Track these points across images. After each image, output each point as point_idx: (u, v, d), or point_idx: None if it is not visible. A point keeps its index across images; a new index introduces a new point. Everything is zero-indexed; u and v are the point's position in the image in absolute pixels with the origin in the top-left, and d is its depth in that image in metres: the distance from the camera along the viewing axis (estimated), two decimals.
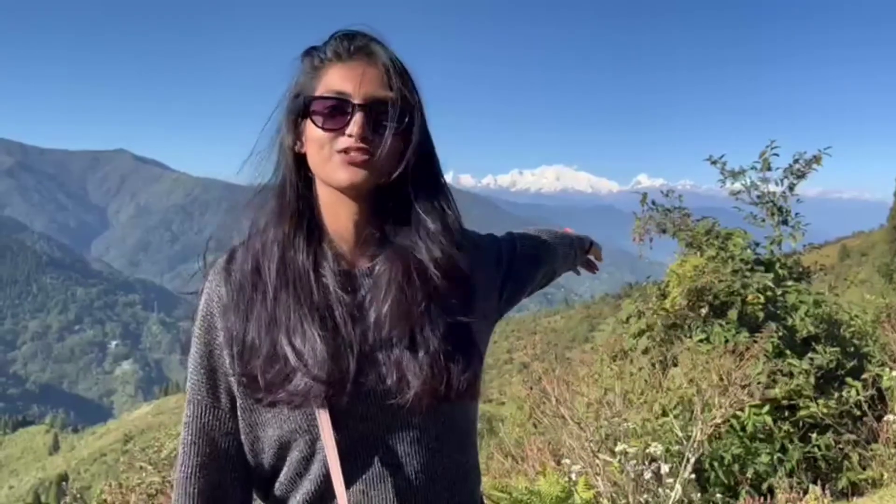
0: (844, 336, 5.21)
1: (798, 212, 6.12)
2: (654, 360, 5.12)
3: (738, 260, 5.30)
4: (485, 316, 1.24)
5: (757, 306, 4.94)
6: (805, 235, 6.08)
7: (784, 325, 4.99)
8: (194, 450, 1.13)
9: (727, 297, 5.05)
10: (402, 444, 1.09)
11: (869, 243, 64.53)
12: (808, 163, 6.06)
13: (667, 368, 4.95)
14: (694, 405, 4.43)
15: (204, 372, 1.14)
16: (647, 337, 5.27)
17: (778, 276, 5.36)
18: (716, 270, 5.11)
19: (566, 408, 3.99)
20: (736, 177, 6.22)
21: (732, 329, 4.94)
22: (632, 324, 5.46)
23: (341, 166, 1.07)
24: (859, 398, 4.69)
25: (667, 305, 5.18)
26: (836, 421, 4.70)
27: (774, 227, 6.06)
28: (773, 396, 4.61)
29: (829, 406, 4.62)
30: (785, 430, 4.57)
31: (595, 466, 3.98)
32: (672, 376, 4.89)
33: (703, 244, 5.54)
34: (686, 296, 5.08)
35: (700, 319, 5.07)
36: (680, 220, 5.91)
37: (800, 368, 4.67)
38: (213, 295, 1.15)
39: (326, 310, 1.08)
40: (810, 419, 4.67)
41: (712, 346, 4.91)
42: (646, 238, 5.85)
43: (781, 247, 6.01)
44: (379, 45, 1.12)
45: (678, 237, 5.80)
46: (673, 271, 5.37)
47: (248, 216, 1.19)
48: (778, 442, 4.55)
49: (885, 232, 52.64)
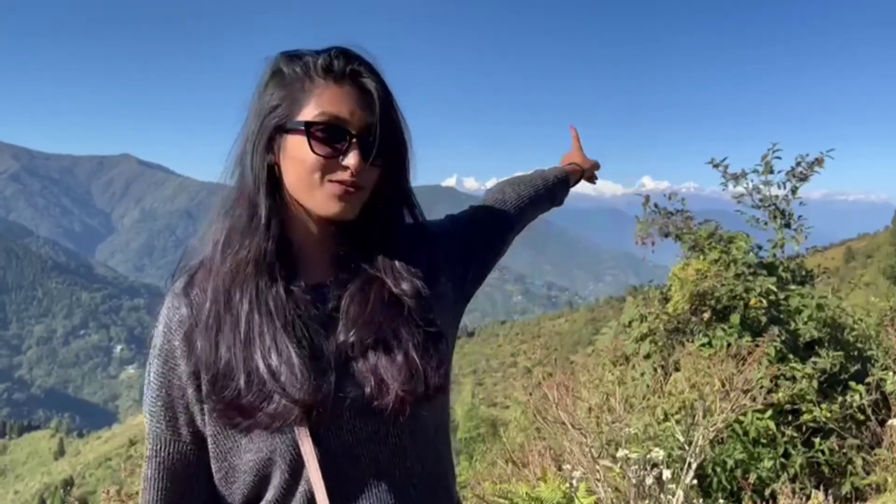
0: (848, 340, 5.19)
1: (801, 214, 6.10)
2: (656, 364, 5.09)
3: (741, 263, 5.28)
4: (453, 304, 1.24)
5: (760, 310, 4.92)
6: (808, 238, 6.06)
7: (787, 329, 4.96)
8: (156, 485, 1.11)
9: (730, 301, 5.03)
10: (384, 453, 1.07)
11: (874, 245, 64.35)
12: (811, 165, 6.04)
13: (669, 373, 4.93)
14: (696, 410, 4.41)
15: (163, 404, 1.10)
16: (649, 341, 5.25)
17: (781, 279, 5.33)
18: (718, 274, 5.09)
19: (566, 413, 3.97)
20: (738, 180, 6.20)
21: (735, 333, 4.91)
22: (634, 328, 5.44)
23: (334, 198, 1.05)
24: (863, 402, 4.66)
25: (669, 309, 5.16)
26: (839, 425, 4.66)
27: (777, 231, 6.03)
28: (776, 401, 4.58)
29: (832, 410, 4.59)
30: (788, 435, 4.54)
31: (596, 472, 3.96)
32: (674, 381, 4.86)
33: (705, 247, 5.52)
34: (688, 300, 5.06)
35: (702, 324, 5.05)
36: (682, 224, 5.89)
37: (802, 373, 4.64)
38: (172, 321, 1.10)
39: (301, 326, 1.05)
40: (813, 424, 4.64)
41: (714, 350, 4.89)
42: (648, 241, 5.83)
43: (784, 250, 5.99)
44: (374, 71, 1.09)
45: (681, 240, 5.78)
46: (675, 275, 5.35)
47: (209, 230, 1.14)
48: (781, 447, 4.52)
49: (889, 234, 52.51)
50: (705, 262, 5.37)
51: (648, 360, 5.20)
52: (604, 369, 5.47)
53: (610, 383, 5.31)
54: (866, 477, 4.45)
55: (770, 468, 4.47)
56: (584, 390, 5.26)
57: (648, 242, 5.81)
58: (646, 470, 4.06)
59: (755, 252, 5.65)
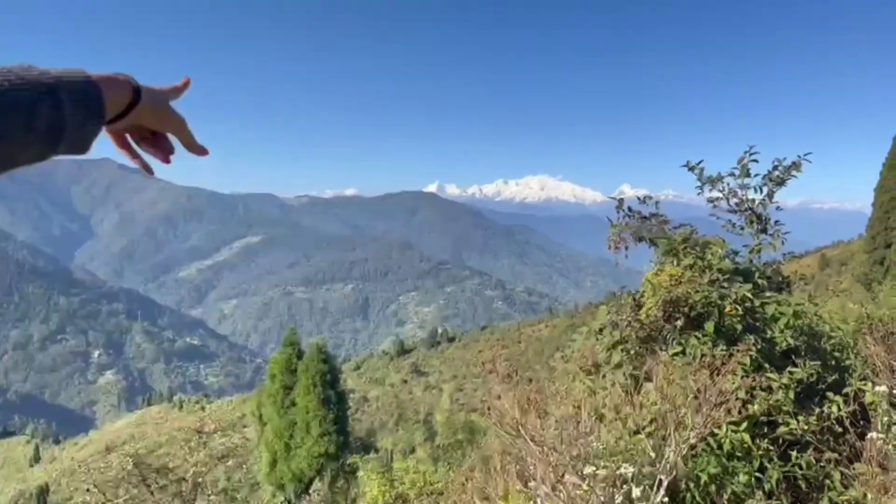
0: (825, 348, 5.01)
1: (778, 220, 5.94)
2: (628, 374, 4.88)
3: (716, 269, 5.09)
4: None
5: (735, 318, 4.73)
6: (785, 244, 5.89)
7: (763, 337, 4.77)
8: None
9: (704, 308, 4.83)
10: None
11: (848, 253, 65.21)
12: (788, 169, 5.87)
13: (640, 383, 4.72)
14: (668, 423, 4.20)
15: None
16: (620, 350, 5.04)
17: (757, 286, 5.15)
18: (692, 280, 4.89)
19: (526, 430, 3.75)
20: (714, 183, 6.02)
21: (709, 341, 4.72)
22: (605, 335, 5.23)
23: None
24: (840, 414, 4.48)
25: (641, 317, 4.96)
26: (816, 438, 4.48)
27: (753, 236, 5.86)
28: (752, 412, 4.39)
29: (809, 423, 4.40)
30: (764, 448, 4.34)
31: (561, 491, 3.74)
32: (646, 392, 4.66)
33: (680, 252, 5.33)
34: (661, 306, 4.86)
35: (676, 331, 4.85)
36: (657, 228, 5.70)
37: (779, 383, 4.45)
38: None
39: None
40: (790, 436, 4.45)
41: (688, 359, 4.70)
42: (621, 246, 5.62)
43: (761, 256, 5.82)
44: None
45: (655, 245, 5.59)
46: (648, 281, 5.15)
47: None
48: (756, 460, 4.32)
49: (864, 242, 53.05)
50: (679, 267, 5.18)
51: (620, 369, 4.99)
52: (574, 379, 5.26)
53: (580, 393, 5.10)
54: (845, 492, 4.26)
55: (746, 483, 4.27)
56: (552, 404, 5.05)
57: (622, 247, 5.60)
58: (615, 487, 3.85)
59: (731, 258, 5.47)
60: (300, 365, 25.68)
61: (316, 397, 24.77)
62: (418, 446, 32.65)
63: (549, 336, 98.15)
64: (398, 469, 17.57)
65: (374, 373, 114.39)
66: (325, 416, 24.67)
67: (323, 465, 24.54)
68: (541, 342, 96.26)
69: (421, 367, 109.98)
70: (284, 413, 25.65)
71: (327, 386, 25.17)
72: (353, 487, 23.47)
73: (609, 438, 4.43)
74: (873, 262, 39.94)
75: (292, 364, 26.02)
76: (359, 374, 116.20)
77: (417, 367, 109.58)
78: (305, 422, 24.93)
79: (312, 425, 24.71)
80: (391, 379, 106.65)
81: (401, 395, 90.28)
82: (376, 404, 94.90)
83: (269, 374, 26.70)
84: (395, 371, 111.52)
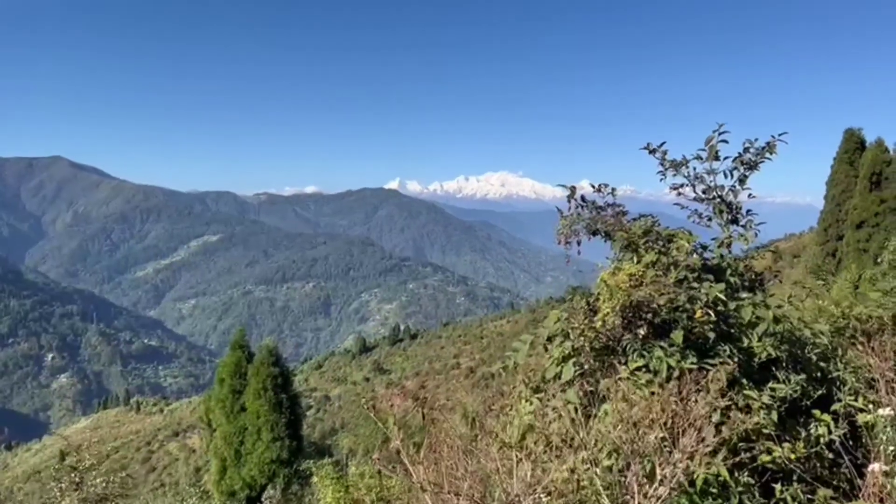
0: (809, 358, 4.28)
1: (750, 209, 5.24)
2: (581, 393, 4.10)
3: (683, 267, 4.34)
4: None
5: (706, 325, 3.99)
6: (758, 236, 5.19)
7: (739, 347, 4.04)
8: None
9: (670, 313, 4.08)
10: None
11: (800, 245, 66.44)
12: (761, 151, 5.15)
13: (597, 403, 3.97)
14: (630, 453, 3.44)
15: None
16: (572, 364, 4.26)
17: (730, 285, 4.42)
18: (656, 280, 4.13)
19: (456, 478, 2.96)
20: (678, 168, 5.28)
21: (677, 353, 3.96)
22: (555, 346, 4.44)
23: None
24: (831, 437, 3.76)
25: (597, 324, 4.18)
26: (802, 466, 3.75)
27: (723, 227, 5.15)
28: (727, 438, 3.64)
29: (795, 449, 3.67)
30: (743, 483, 3.60)
31: None
32: (603, 413, 3.90)
33: (640, 247, 4.57)
34: (620, 312, 4.09)
35: (637, 341, 4.08)
36: (613, 220, 4.93)
37: (759, 402, 3.72)
38: None
39: None
40: (772, 466, 3.72)
41: (651, 375, 3.94)
42: (573, 240, 4.84)
43: (731, 250, 5.10)
44: None
45: (611, 239, 4.83)
46: (604, 282, 4.36)
47: None
48: (735, 497, 3.57)
49: (815, 234, 53.75)
50: (640, 265, 4.41)
51: (572, 386, 4.21)
52: (520, 398, 4.46)
53: (527, 415, 4.32)
54: None
55: None
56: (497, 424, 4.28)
57: (573, 241, 4.82)
58: None
59: (699, 253, 4.74)
60: (250, 368, 24.62)
61: (267, 401, 23.75)
62: (374, 449, 31.84)
63: (511, 331, 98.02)
64: (353, 474, 16.76)
65: (337, 371, 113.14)
66: (277, 420, 23.67)
67: (275, 471, 23.60)
68: (503, 337, 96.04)
69: (383, 364, 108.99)
70: (234, 418, 24.59)
71: (279, 389, 24.15)
72: (307, 494, 22.62)
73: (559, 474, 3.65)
74: (826, 254, 40.31)
75: (242, 367, 24.94)
76: (321, 373, 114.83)
77: (380, 365, 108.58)
78: (256, 427, 23.91)
79: (263, 430, 23.70)
80: (353, 377, 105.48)
81: (362, 394, 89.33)
82: (338, 403, 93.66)
83: (218, 378, 25.56)
84: (357, 369, 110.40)
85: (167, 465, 78.84)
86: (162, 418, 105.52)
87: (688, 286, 4.20)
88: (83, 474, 8.10)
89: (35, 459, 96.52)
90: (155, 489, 55.64)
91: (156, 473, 75.97)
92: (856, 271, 21.48)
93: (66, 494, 7.69)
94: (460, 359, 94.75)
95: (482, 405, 4.14)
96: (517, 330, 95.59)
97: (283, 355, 25.91)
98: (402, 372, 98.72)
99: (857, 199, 33.78)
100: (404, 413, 4.12)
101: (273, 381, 24.05)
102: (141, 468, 78.60)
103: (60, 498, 7.68)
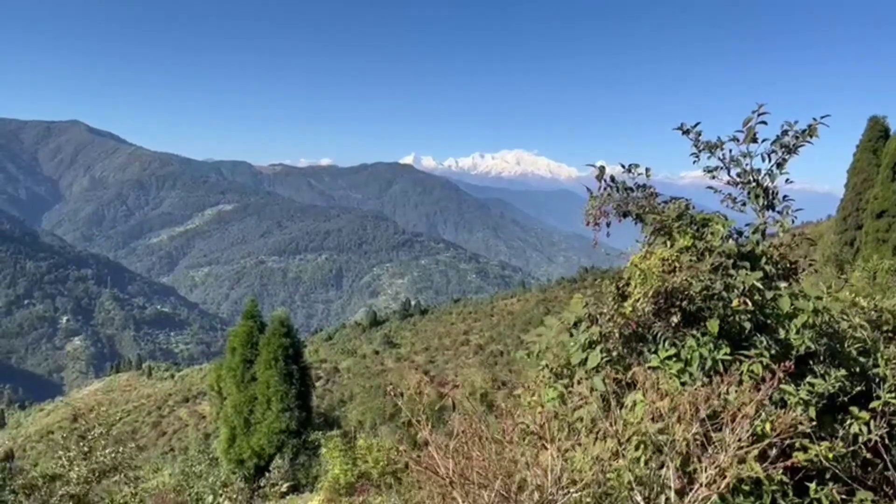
0: (849, 353, 4.09)
1: (786, 194, 5.02)
2: (609, 380, 3.94)
3: (718, 253, 4.15)
4: None
5: (743, 314, 3.81)
6: (794, 223, 4.98)
7: (775, 338, 3.86)
8: None
9: (705, 301, 3.90)
10: None
11: (817, 233, 65.95)
12: (801, 134, 4.92)
13: (625, 392, 3.81)
14: (662, 447, 3.29)
15: None
16: (599, 350, 4.09)
17: (766, 274, 4.23)
18: (692, 266, 3.95)
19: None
20: (713, 150, 5.06)
21: (709, 343, 3.79)
22: (582, 331, 4.28)
23: None
24: (870, 437, 3.59)
25: (626, 310, 4.01)
26: (839, 466, 3.59)
27: (758, 213, 4.94)
28: (763, 434, 3.48)
29: (834, 447, 3.50)
30: (777, 481, 3.44)
31: None
32: (632, 403, 3.74)
33: (674, 231, 4.37)
34: (652, 298, 3.92)
35: (669, 330, 3.91)
36: (645, 201, 4.73)
37: (797, 397, 3.56)
38: None
39: None
40: (808, 464, 3.56)
41: (683, 363, 3.77)
42: (602, 222, 4.65)
43: (765, 237, 4.90)
44: None
45: (643, 221, 4.63)
46: (635, 265, 4.18)
47: None
48: (767, 496, 3.42)
49: (833, 223, 53.12)
50: (673, 249, 4.23)
51: (599, 373, 4.05)
52: (544, 384, 4.31)
53: (550, 402, 4.17)
54: None
55: None
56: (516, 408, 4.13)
57: (602, 222, 4.63)
58: None
59: (735, 239, 4.54)
60: (262, 338, 24.65)
61: (277, 372, 23.80)
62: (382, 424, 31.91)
63: (521, 310, 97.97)
64: (361, 447, 16.75)
65: (347, 343, 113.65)
66: (287, 391, 23.74)
67: (284, 441, 23.70)
68: (513, 316, 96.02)
69: (393, 338, 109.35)
70: (245, 388, 24.67)
71: (290, 360, 24.19)
72: (315, 465, 22.70)
73: (581, 462, 3.51)
74: (844, 243, 39.80)
75: (253, 337, 24.98)
76: (331, 345, 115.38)
77: (389, 339, 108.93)
78: (266, 397, 23.99)
79: (273, 401, 23.78)
80: (363, 350, 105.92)
81: (372, 367, 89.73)
82: (347, 375, 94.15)
83: (229, 347, 25.61)
84: (367, 342, 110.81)
85: (177, 429, 79.68)
86: (173, 384, 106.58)
87: (724, 273, 4.02)
88: (92, 443, 8.04)
89: (48, 420, 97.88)
90: (164, 453, 56.33)
91: (165, 438, 76.83)
92: (875, 261, 21.15)
93: (74, 464, 7.64)
94: (470, 335, 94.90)
95: (490, 383, 3.96)
96: (527, 308, 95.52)
97: (293, 326, 25.91)
98: (412, 346, 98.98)
99: (879, 189, 33.20)
100: (420, 392, 3.97)
101: (284, 351, 24.08)
102: (151, 432, 79.60)
103: (69, 468, 7.63)
